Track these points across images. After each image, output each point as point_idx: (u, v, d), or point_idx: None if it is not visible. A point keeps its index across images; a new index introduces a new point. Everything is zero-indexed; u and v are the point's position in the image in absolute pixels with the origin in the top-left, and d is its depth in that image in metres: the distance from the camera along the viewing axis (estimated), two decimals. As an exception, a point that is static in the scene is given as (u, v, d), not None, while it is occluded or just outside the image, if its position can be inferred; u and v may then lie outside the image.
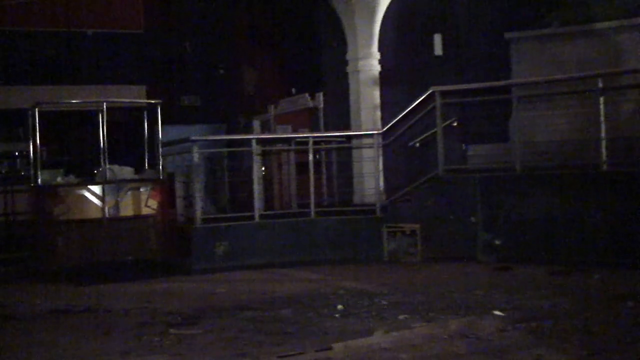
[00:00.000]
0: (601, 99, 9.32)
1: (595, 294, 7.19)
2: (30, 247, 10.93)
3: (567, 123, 10.96)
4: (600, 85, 9.37)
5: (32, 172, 10.54)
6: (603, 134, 9.23)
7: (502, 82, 10.42)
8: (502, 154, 10.78)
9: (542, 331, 5.73)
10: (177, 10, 16.65)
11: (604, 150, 9.18)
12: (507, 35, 11.99)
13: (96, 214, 10.16)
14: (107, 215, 10.13)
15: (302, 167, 11.46)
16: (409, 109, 10.90)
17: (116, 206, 10.20)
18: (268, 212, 11.39)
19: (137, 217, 10.36)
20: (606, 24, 11.13)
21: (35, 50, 15.47)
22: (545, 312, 6.42)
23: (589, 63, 10.98)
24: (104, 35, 16.00)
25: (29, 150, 10.68)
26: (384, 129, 11.25)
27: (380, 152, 11.16)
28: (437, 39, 12.30)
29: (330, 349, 5.36)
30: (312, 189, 10.76)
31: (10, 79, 14.94)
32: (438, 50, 12.35)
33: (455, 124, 11.49)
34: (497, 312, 6.44)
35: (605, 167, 9.16)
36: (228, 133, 16.31)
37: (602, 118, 9.28)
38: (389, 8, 12.18)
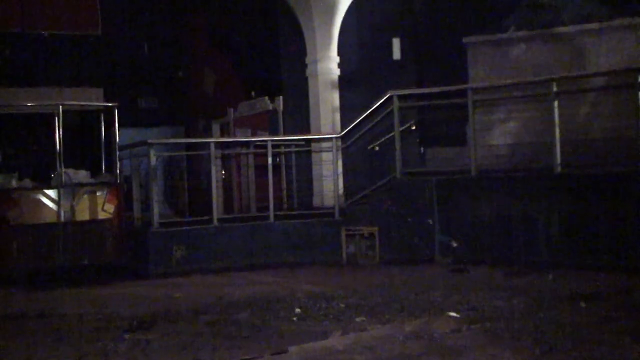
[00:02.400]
0: (555, 103, 9.48)
1: (549, 295, 7.30)
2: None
3: (523, 126, 11.11)
4: (555, 89, 9.53)
5: (-15, 175, 10.35)
6: (557, 137, 9.39)
7: (458, 86, 10.52)
8: (460, 157, 10.89)
9: (496, 331, 5.80)
10: (135, 12, 16.49)
11: (558, 153, 9.34)
12: (465, 39, 12.11)
13: (51, 218, 10.02)
14: (62, 219, 9.99)
15: (261, 170, 11.44)
16: (367, 112, 10.97)
17: (72, 210, 10.07)
18: (227, 216, 11.35)
19: (94, 221, 10.24)
20: (563, 29, 11.30)
21: (-12, 51, 15.20)
22: (499, 313, 6.50)
23: (546, 67, 11.14)
24: (60, 37, 15.78)
25: (-18, 154, 10.49)
26: (343, 133, 11.31)
27: (339, 155, 11.21)
28: (396, 43, 12.40)
29: (286, 352, 5.36)
30: (270, 193, 10.76)
31: (-38, 81, 14.65)
32: (397, 54, 12.45)
33: (413, 127, 11.58)
34: (452, 314, 6.50)
35: (559, 169, 9.32)
36: (187, 136, 16.23)
37: (556, 121, 9.44)
38: (348, 12, 12.23)
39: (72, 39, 15.83)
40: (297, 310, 7.06)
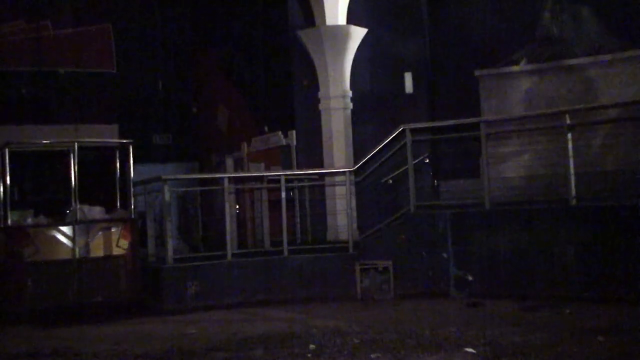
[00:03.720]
0: (569, 135, 9.47)
1: (566, 329, 7.20)
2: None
3: (537, 158, 11.09)
4: (568, 121, 9.52)
5: (1, 212, 10.41)
6: (571, 169, 9.36)
7: (471, 120, 10.53)
8: (474, 190, 10.86)
9: (513, 367, 5.73)
10: (149, 49, 16.70)
11: (572, 185, 9.30)
12: (477, 72, 12.17)
13: (66, 255, 10.05)
14: (77, 256, 10.02)
15: (275, 204, 11.45)
16: (380, 146, 10.99)
17: (86, 246, 10.11)
18: (240, 251, 11.34)
19: (108, 258, 10.26)
20: (575, 61, 11.33)
21: (6, 89, 15.42)
22: (517, 348, 6.41)
23: (559, 99, 11.16)
24: (76, 75, 16.00)
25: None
26: (356, 167, 11.32)
27: (353, 189, 11.21)
28: (408, 77, 12.47)
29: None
30: (284, 227, 10.76)
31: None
32: (409, 88, 12.51)
33: (426, 160, 11.59)
34: (469, 349, 6.43)
35: (574, 201, 9.27)
36: (201, 171, 16.31)
37: (570, 153, 9.42)
38: (360, 47, 12.33)
39: (88, 77, 16.06)
40: (312, 346, 7.01)
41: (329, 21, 12.05)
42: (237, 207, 13.07)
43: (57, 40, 16.03)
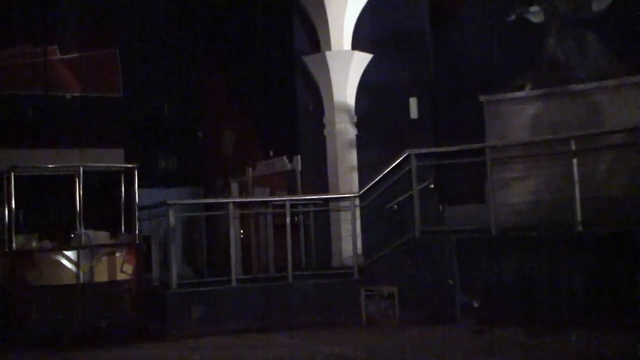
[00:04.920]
0: (574, 161, 9.45)
1: (573, 356, 7.15)
2: (3, 313, 10.71)
3: (542, 184, 11.06)
4: (573, 147, 9.51)
5: (6, 236, 10.41)
6: (577, 195, 9.33)
7: (476, 145, 10.52)
8: (479, 215, 10.83)
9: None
10: (155, 74, 16.79)
11: (578, 211, 9.27)
12: (482, 98, 12.19)
13: (70, 280, 10.02)
14: (81, 280, 10.00)
15: (280, 229, 11.43)
16: (385, 171, 10.99)
17: (91, 271, 10.08)
18: (245, 277, 11.31)
19: (112, 283, 10.23)
20: (580, 86, 11.34)
21: (13, 113, 15.49)
22: (523, 376, 6.36)
23: (564, 124, 11.15)
24: (82, 99, 16.09)
25: (4, 214, 10.57)
26: (361, 192, 11.30)
27: (358, 214, 11.19)
28: (413, 102, 12.49)
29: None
30: (289, 252, 10.74)
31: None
32: (414, 113, 12.52)
33: (431, 185, 11.57)
34: (474, 377, 6.38)
35: (579, 227, 9.23)
36: (206, 195, 16.30)
37: (575, 179, 9.40)
38: (364, 72, 12.37)
39: (94, 101, 16.13)
40: (316, 373, 6.97)
41: (334, 47, 12.11)
42: (242, 231, 13.04)
43: (64, 65, 16.14)
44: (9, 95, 15.58)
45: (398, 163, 10.80)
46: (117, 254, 10.29)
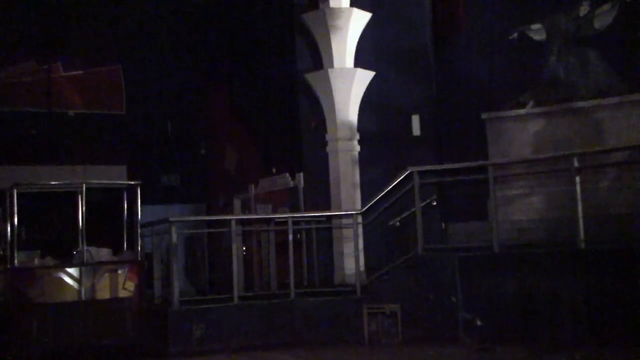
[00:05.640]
0: (577, 178, 9.45)
1: (576, 376, 7.11)
2: (4, 330, 10.69)
3: (545, 201, 11.07)
4: (576, 164, 9.51)
5: (8, 253, 10.41)
6: (579, 212, 9.32)
7: (478, 163, 10.53)
8: (482, 232, 10.82)
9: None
10: (159, 91, 16.84)
11: (581, 229, 9.25)
12: (484, 115, 12.21)
13: (72, 297, 10.00)
14: (83, 297, 9.97)
15: (282, 246, 11.41)
16: (388, 188, 10.98)
17: (93, 288, 10.06)
18: (247, 294, 11.28)
19: (114, 300, 10.20)
20: (582, 104, 11.37)
21: (16, 130, 15.53)
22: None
23: (566, 142, 11.17)
24: (85, 116, 16.13)
25: (7, 231, 10.57)
26: (364, 209, 11.28)
27: (360, 231, 11.17)
28: (415, 119, 12.49)
29: None
30: (291, 270, 10.72)
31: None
32: (416, 130, 12.52)
33: (434, 203, 11.56)
34: (478, 396, 6.34)
35: (582, 245, 9.21)
36: (208, 212, 16.30)
37: (578, 196, 9.39)
38: (367, 89, 12.39)
39: (97, 118, 16.18)
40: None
41: (337, 64, 12.14)
42: (244, 248, 13.02)
43: (67, 82, 16.20)
44: (12, 112, 15.63)
45: (400, 180, 10.81)
46: (119, 271, 10.27)
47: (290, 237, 10.84)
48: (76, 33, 16.36)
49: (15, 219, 10.36)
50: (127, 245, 11.12)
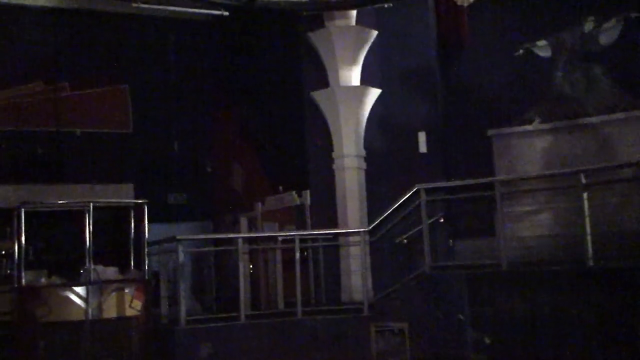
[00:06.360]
0: (584, 195, 9.40)
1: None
2: (11, 349, 10.67)
3: (552, 218, 11.03)
4: (583, 181, 9.47)
5: (16, 272, 10.41)
6: (587, 229, 9.26)
7: (485, 179, 10.50)
8: (490, 249, 10.78)
9: None
10: (165, 109, 16.90)
11: (589, 246, 9.19)
12: (490, 132, 12.21)
13: (79, 316, 9.97)
14: (90, 317, 9.95)
15: (289, 264, 11.38)
16: (395, 206, 10.96)
17: (99, 307, 10.04)
18: (254, 312, 11.24)
19: (121, 319, 10.17)
20: (588, 120, 11.35)
21: (23, 149, 15.60)
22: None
23: (573, 158, 11.15)
24: (92, 135, 16.19)
25: (14, 250, 10.58)
26: (371, 227, 11.26)
27: (368, 249, 11.13)
28: (422, 136, 12.49)
29: None
30: (298, 289, 10.68)
31: (-3, 178, 14.99)
32: (422, 147, 12.52)
33: (441, 220, 11.53)
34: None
35: (590, 262, 9.15)
36: (215, 230, 16.28)
37: (586, 213, 9.33)
38: (373, 107, 12.41)
39: (104, 137, 16.23)
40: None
41: (343, 82, 12.16)
42: (251, 267, 13.00)
43: (74, 101, 16.28)
44: (20, 131, 15.70)
45: (407, 197, 10.79)
46: (126, 290, 10.24)
47: (297, 255, 10.82)
48: (84, 53, 16.46)
49: (23, 238, 10.37)
50: (134, 264, 11.13)
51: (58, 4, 15.93)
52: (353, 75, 12.22)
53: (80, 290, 10.07)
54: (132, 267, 11.08)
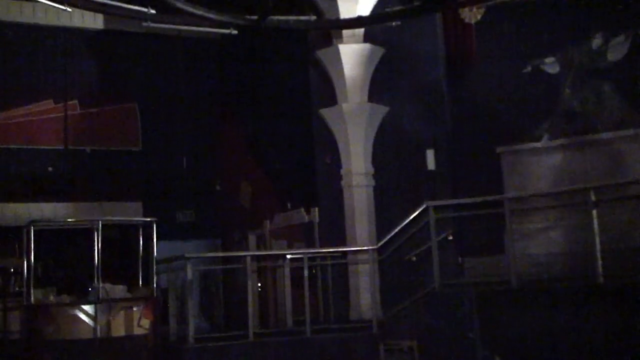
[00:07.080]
0: (594, 212, 9.35)
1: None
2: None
3: (562, 235, 10.96)
4: (593, 197, 9.43)
5: (25, 290, 10.42)
6: (598, 246, 9.21)
7: (494, 197, 10.46)
8: (499, 266, 10.72)
9: None
10: (174, 127, 16.97)
11: (599, 263, 9.14)
12: (499, 149, 12.18)
13: (87, 334, 9.97)
14: (98, 335, 9.94)
15: (297, 282, 11.35)
16: (403, 223, 10.93)
17: (108, 326, 10.03)
18: (262, 331, 11.20)
19: (129, 337, 10.16)
20: (597, 136, 11.31)
21: (33, 167, 15.67)
22: None
23: (583, 174, 11.10)
24: (101, 153, 16.26)
25: (23, 268, 10.59)
26: (380, 244, 11.22)
27: (376, 267, 11.09)
28: (430, 154, 12.47)
29: None
30: (307, 307, 10.64)
31: (6, 196, 15.04)
32: (431, 164, 12.49)
33: (450, 237, 11.48)
34: None
35: (601, 279, 9.09)
36: (223, 248, 16.28)
37: (596, 230, 9.29)
38: (382, 124, 12.41)
39: (113, 155, 16.30)
40: None
41: (351, 99, 12.18)
42: (259, 284, 12.97)
43: (84, 119, 16.36)
44: (29, 149, 15.78)
45: (416, 215, 10.76)
46: (135, 308, 10.24)
47: (306, 272, 10.79)
48: (93, 71, 16.57)
49: (32, 256, 10.39)
50: (142, 281, 11.12)
51: (68, 23, 16.05)
52: (361, 93, 12.24)
53: (88, 308, 10.07)
54: (141, 285, 11.08)
